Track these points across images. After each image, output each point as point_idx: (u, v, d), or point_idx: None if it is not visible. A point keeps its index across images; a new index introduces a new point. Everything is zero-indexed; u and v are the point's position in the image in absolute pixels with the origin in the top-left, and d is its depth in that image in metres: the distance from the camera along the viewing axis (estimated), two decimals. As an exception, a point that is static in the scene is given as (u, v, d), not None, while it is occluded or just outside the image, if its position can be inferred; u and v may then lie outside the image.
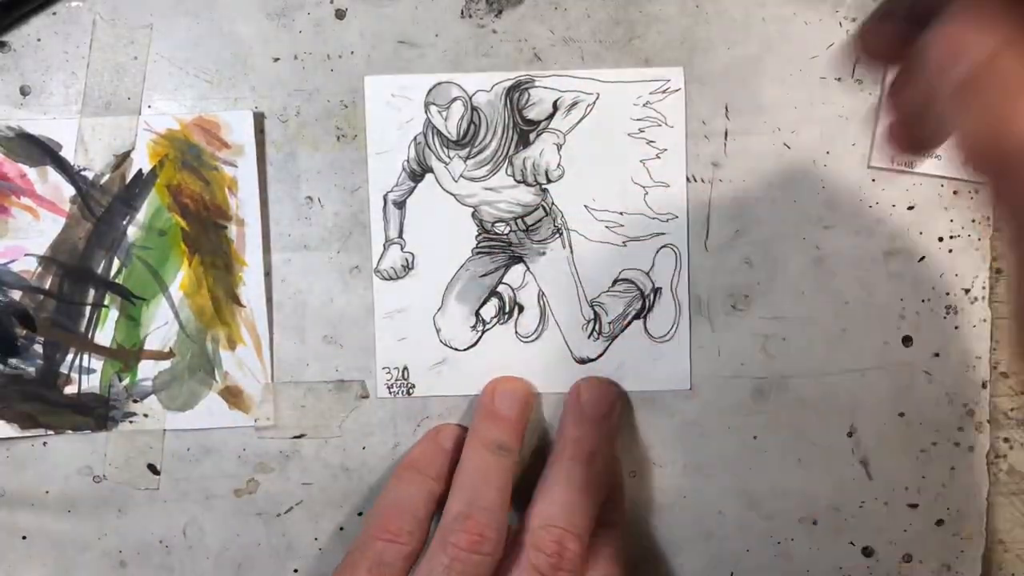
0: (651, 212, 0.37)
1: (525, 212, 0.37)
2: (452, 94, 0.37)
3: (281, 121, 0.37)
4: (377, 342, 0.38)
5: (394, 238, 0.38)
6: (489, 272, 0.38)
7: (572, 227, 0.38)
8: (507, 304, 0.38)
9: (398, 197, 0.37)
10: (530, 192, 0.37)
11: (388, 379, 0.38)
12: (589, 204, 0.37)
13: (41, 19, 0.37)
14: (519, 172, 0.37)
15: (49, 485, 0.38)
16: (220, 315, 0.38)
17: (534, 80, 0.37)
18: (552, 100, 0.37)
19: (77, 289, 0.37)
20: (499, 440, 0.35)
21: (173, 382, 0.38)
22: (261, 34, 0.37)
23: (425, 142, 0.37)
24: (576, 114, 0.37)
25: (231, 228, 0.37)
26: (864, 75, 0.37)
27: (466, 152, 0.37)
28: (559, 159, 0.37)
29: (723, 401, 0.38)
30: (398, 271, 0.38)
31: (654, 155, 0.37)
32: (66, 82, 0.37)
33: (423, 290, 0.38)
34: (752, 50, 0.37)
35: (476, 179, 0.37)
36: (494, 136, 0.37)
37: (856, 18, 0.37)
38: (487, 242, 0.38)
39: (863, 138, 0.37)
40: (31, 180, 0.37)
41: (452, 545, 0.33)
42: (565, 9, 0.37)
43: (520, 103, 0.37)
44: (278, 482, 0.38)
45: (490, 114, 0.37)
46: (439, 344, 0.38)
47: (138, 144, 0.37)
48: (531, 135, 0.37)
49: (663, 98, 0.37)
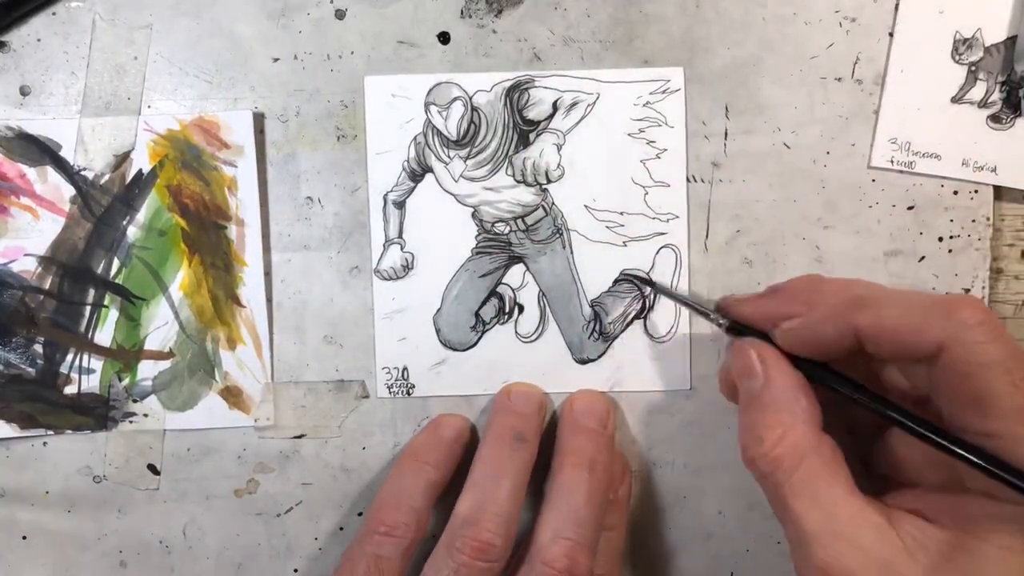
0: (651, 212, 0.37)
1: (525, 212, 0.37)
2: (452, 94, 0.37)
3: (281, 121, 0.37)
4: (377, 342, 0.38)
5: (394, 238, 0.38)
6: (489, 272, 0.38)
7: (572, 227, 0.38)
8: (507, 304, 0.38)
9: (398, 197, 0.37)
10: (530, 192, 0.37)
11: (388, 379, 0.38)
12: (589, 204, 0.37)
13: (41, 19, 0.37)
14: (519, 172, 0.37)
15: (49, 485, 0.38)
16: (220, 315, 0.38)
17: (534, 80, 0.37)
18: (552, 100, 0.37)
19: (77, 289, 0.37)
20: (517, 430, 0.35)
21: (173, 382, 0.38)
22: (261, 34, 0.37)
23: (425, 142, 0.37)
24: (576, 114, 0.37)
25: (231, 228, 0.37)
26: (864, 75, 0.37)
27: (466, 152, 0.37)
28: (559, 159, 0.37)
29: (723, 401, 0.38)
30: (398, 271, 0.38)
31: (654, 155, 0.37)
32: (66, 82, 0.37)
33: (423, 290, 0.38)
34: (752, 50, 0.37)
35: (476, 179, 0.37)
36: (494, 136, 0.37)
37: (856, 18, 0.37)
38: (487, 242, 0.38)
39: (863, 138, 0.37)
40: (31, 180, 0.37)
41: (458, 551, 0.32)
42: (565, 9, 0.37)
43: (520, 103, 0.37)
44: (278, 482, 0.38)
45: (490, 114, 0.37)
46: (439, 344, 0.38)
47: (138, 144, 0.37)
48: (531, 135, 0.37)
49: (663, 98, 0.37)
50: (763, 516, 0.39)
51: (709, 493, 0.39)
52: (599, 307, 0.38)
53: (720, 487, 0.39)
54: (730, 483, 0.38)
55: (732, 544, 0.39)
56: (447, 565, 0.33)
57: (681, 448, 0.38)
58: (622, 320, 0.38)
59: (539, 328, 0.38)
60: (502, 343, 0.38)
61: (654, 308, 0.38)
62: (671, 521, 0.39)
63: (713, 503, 0.39)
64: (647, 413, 0.38)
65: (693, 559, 0.39)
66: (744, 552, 0.39)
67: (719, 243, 0.38)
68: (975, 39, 0.36)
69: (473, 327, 0.38)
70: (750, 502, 0.39)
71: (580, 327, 0.38)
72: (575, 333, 0.38)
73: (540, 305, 0.38)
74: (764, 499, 0.38)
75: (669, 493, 0.39)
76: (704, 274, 0.38)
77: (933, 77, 0.37)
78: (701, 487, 0.39)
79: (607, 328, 0.38)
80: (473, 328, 0.38)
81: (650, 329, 0.38)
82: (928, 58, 0.37)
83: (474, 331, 0.38)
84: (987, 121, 0.37)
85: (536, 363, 0.38)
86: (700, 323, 0.38)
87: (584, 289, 0.38)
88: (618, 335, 0.38)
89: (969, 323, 0.27)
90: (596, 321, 0.38)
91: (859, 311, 0.29)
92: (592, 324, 0.38)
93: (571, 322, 0.38)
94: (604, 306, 0.38)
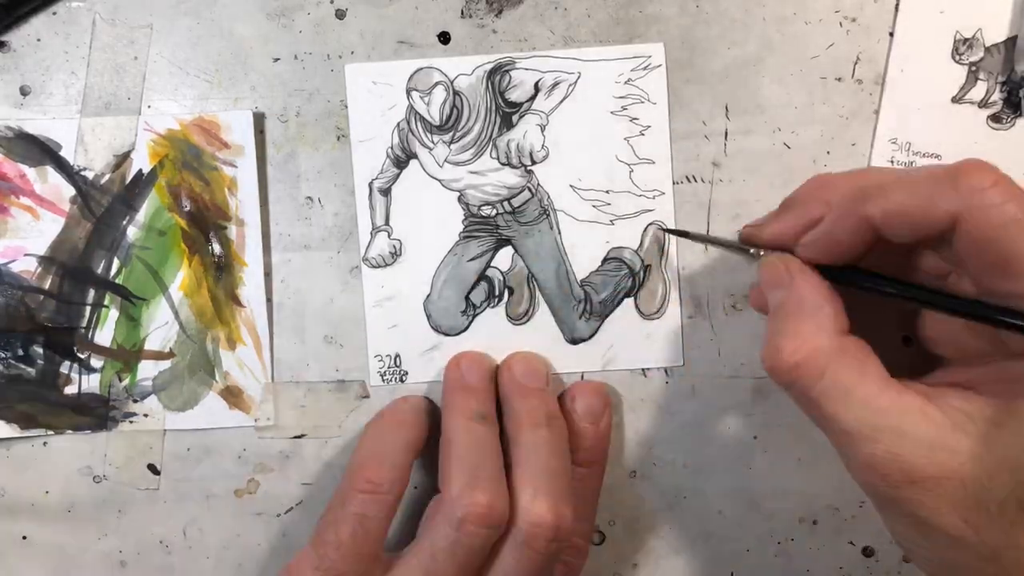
0: (637, 189, 0.37)
1: (511, 194, 0.37)
2: (433, 79, 0.37)
3: (281, 121, 0.37)
4: (368, 331, 0.38)
5: (381, 225, 0.37)
6: (477, 256, 0.38)
7: (559, 207, 0.38)
8: (496, 287, 0.38)
9: (383, 184, 0.37)
10: (515, 174, 0.37)
11: (380, 367, 0.38)
12: (575, 184, 0.37)
13: (41, 19, 0.37)
14: (503, 155, 0.37)
15: (49, 485, 0.38)
16: (220, 315, 0.38)
17: (515, 62, 0.37)
18: (533, 81, 0.37)
19: (77, 289, 0.37)
20: (477, 409, 0.35)
21: (173, 382, 0.38)
22: (261, 34, 0.37)
23: (408, 128, 0.37)
24: (558, 94, 0.37)
25: (231, 228, 0.37)
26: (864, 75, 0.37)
27: (450, 137, 0.37)
28: (543, 140, 0.37)
29: (723, 401, 0.38)
30: (386, 258, 0.38)
31: (638, 132, 0.37)
32: (66, 82, 0.37)
33: (412, 277, 0.38)
34: (752, 50, 0.37)
35: (461, 163, 0.37)
36: (477, 119, 0.37)
37: (856, 18, 0.37)
38: (474, 226, 0.38)
39: (863, 138, 0.37)
40: (31, 180, 0.37)
41: (461, 520, 0.32)
42: (565, 9, 0.37)
43: (502, 85, 0.37)
44: (278, 482, 0.38)
45: (472, 98, 0.37)
46: (430, 330, 0.38)
47: (138, 144, 0.37)
48: (514, 117, 0.37)
49: (645, 75, 0.37)
50: (763, 516, 0.39)
51: (709, 493, 0.39)
52: (589, 286, 0.38)
53: (720, 487, 0.39)
54: (730, 483, 0.38)
55: (732, 544, 0.39)
56: (447, 535, 0.32)
57: (681, 448, 0.38)
58: (612, 299, 0.38)
59: (529, 310, 0.38)
60: (493, 327, 0.38)
61: (644, 285, 0.38)
62: (671, 521, 0.39)
63: (713, 503, 0.39)
64: (647, 413, 0.38)
65: (693, 559, 0.39)
66: (744, 552, 0.39)
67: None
68: (975, 39, 0.36)
69: (464, 312, 0.38)
70: (750, 502, 0.39)
71: (571, 307, 0.38)
72: (566, 313, 0.38)
73: (530, 287, 0.38)
74: (764, 499, 0.38)
75: (669, 493, 0.39)
76: (704, 274, 0.38)
77: (933, 77, 0.37)
78: (701, 487, 0.39)
79: (598, 307, 0.38)
80: (464, 313, 0.38)
81: (641, 306, 0.38)
82: (928, 58, 0.37)
83: (465, 316, 0.38)
84: (987, 121, 0.37)
85: (528, 345, 0.38)
86: (700, 323, 0.38)
87: (573, 269, 0.38)
88: (609, 314, 0.38)
89: (981, 187, 0.26)
90: (586, 301, 0.38)
91: (867, 202, 0.28)
92: (583, 304, 0.38)
93: (561, 302, 0.38)
94: (594, 285, 0.38)
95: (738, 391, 0.38)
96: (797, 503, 0.39)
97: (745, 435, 0.38)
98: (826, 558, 0.39)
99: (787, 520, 0.39)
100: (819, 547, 0.39)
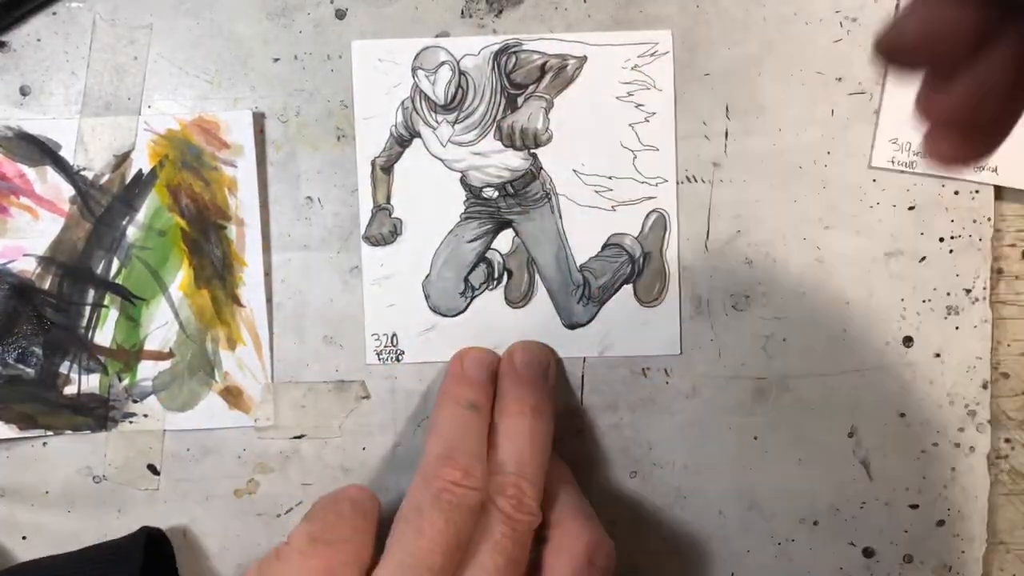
0: (640, 176, 0.37)
1: (513, 177, 0.37)
2: (439, 58, 0.37)
3: (281, 121, 0.37)
4: (366, 308, 0.38)
5: (382, 203, 0.37)
6: (477, 237, 0.38)
7: (561, 192, 0.37)
8: (495, 270, 0.38)
9: (385, 162, 0.37)
10: (518, 157, 0.37)
11: (377, 345, 0.38)
12: (578, 168, 0.37)
13: (41, 19, 0.37)
14: (507, 137, 0.37)
15: (49, 485, 0.38)
16: (220, 315, 0.38)
17: (522, 44, 0.37)
18: (540, 64, 0.37)
19: (77, 289, 0.37)
20: (471, 399, 0.35)
21: (173, 382, 0.38)
22: (261, 34, 0.37)
23: (412, 107, 0.37)
24: (564, 78, 0.37)
25: (231, 228, 0.37)
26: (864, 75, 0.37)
27: (454, 117, 0.37)
28: (547, 123, 0.37)
29: (723, 401, 0.38)
30: (386, 237, 0.38)
31: (643, 119, 0.37)
32: (66, 82, 0.37)
33: (411, 256, 0.38)
34: (752, 50, 0.37)
35: (464, 144, 0.37)
36: (482, 100, 0.37)
37: (856, 18, 0.37)
38: (475, 207, 0.38)
39: (864, 138, 0.37)
40: (30, 180, 0.37)
41: (438, 478, 0.31)
42: (565, 9, 0.37)
43: (507, 67, 0.37)
44: (278, 482, 0.38)
45: (478, 78, 0.37)
46: (428, 310, 0.38)
47: (138, 144, 0.37)
48: (519, 99, 0.37)
49: (651, 61, 0.37)
50: (763, 516, 0.39)
51: (709, 493, 0.39)
52: (588, 272, 0.38)
53: (720, 487, 0.39)
54: (730, 483, 0.38)
55: (732, 544, 0.39)
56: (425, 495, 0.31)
57: (681, 448, 0.38)
58: (611, 285, 0.38)
59: (528, 294, 0.38)
60: (491, 309, 0.38)
61: (643, 273, 0.38)
62: (671, 521, 0.39)
63: (713, 503, 0.39)
64: (647, 413, 0.38)
65: (693, 559, 0.39)
66: (744, 552, 0.39)
67: (719, 243, 0.38)
68: (976, 39, 0.36)
69: (462, 293, 0.38)
70: (750, 502, 0.39)
71: (569, 292, 0.38)
72: (564, 298, 0.38)
73: (529, 270, 0.38)
74: (764, 499, 0.38)
75: (669, 493, 0.39)
76: (704, 275, 0.38)
77: (934, 77, 0.37)
78: (701, 487, 0.39)
79: (596, 293, 0.38)
80: (462, 294, 0.38)
81: (639, 294, 0.38)
82: (929, 58, 0.37)
83: (463, 297, 0.38)
84: (988, 121, 0.37)
85: (525, 328, 0.38)
86: (700, 323, 0.38)
87: (573, 254, 0.38)
88: (607, 300, 0.38)
89: None
90: (585, 286, 0.38)
91: None
92: (581, 289, 0.38)
93: (560, 287, 0.38)
94: (593, 271, 0.38)
95: (738, 391, 0.38)
96: (797, 503, 0.38)
97: (745, 435, 0.38)
98: (826, 559, 0.39)
99: (787, 520, 0.39)
100: (819, 548, 0.39)
